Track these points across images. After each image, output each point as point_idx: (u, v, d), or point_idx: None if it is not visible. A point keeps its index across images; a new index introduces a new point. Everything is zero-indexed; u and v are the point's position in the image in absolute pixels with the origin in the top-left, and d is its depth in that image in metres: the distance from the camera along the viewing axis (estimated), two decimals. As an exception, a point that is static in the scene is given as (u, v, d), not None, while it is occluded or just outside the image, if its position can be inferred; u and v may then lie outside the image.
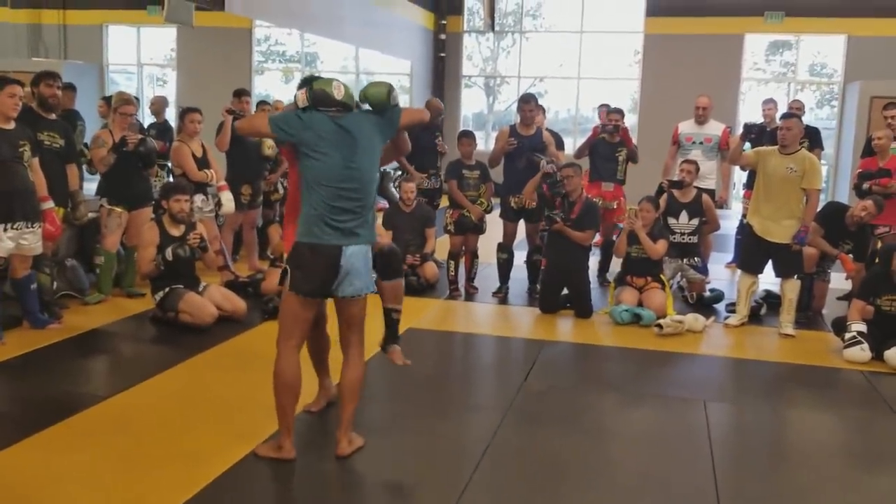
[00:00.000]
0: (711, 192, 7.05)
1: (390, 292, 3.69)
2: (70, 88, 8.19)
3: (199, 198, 6.36)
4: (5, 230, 4.88)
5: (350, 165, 3.32)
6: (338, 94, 3.35)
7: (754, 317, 6.13)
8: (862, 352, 5.18)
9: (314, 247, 3.30)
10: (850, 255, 6.14)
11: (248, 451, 3.51)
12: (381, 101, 3.41)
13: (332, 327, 3.67)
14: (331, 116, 3.35)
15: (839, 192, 12.43)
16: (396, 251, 3.74)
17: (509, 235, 6.76)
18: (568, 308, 6.27)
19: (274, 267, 6.56)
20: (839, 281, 6.71)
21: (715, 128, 7.34)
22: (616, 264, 6.72)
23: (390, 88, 3.44)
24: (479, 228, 6.67)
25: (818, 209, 5.96)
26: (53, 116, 5.66)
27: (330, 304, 3.55)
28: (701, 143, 7.26)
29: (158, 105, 9.17)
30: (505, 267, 6.80)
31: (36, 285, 5.25)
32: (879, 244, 6.35)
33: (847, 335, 5.28)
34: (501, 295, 6.74)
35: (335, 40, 14.07)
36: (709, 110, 7.32)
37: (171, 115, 9.63)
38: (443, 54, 15.12)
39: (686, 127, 7.39)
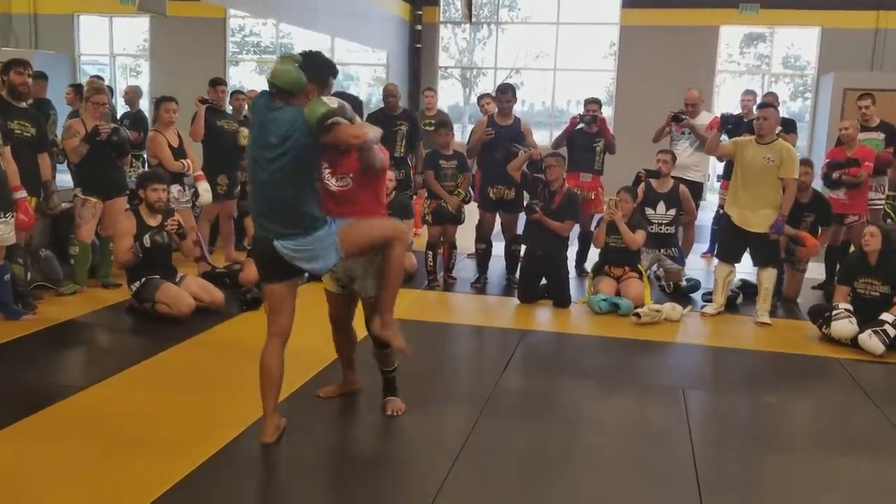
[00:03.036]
0: (698, 186, 7.05)
1: (385, 358, 3.82)
2: (41, 77, 8.07)
3: (175, 188, 6.29)
4: (-23, 220, 4.79)
5: (258, 158, 3.31)
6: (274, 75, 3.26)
7: (731, 306, 6.19)
8: (850, 324, 5.26)
9: (255, 237, 3.48)
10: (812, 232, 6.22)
11: (226, 440, 3.48)
12: (313, 120, 3.18)
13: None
14: (266, 102, 3.33)
15: (812, 182, 12.57)
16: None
17: (487, 226, 6.76)
18: (546, 298, 6.29)
19: (251, 258, 6.51)
20: (814, 270, 6.78)
21: (705, 118, 7.34)
22: (594, 254, 6.74)
23: (328, 113, 3.18)
24: (457, 219, 6.65)
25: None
26: (24, 105, 5.57)
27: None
28: (689, 134, 7.26)
29: (132, 95, 9.06)
30: (483, 257, 6.80)
31: (9, 276, 5.16)
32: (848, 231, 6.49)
33: (834, 312, 5.36)
34: (480, 285, 6.75)
35: (310, 31, 13.97)
36: (699, 105, 7.33)
37: (144, 106, 9.52)
38: (419, 45, 15.06)
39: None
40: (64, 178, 6.87)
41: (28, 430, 3.60)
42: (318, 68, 3.34)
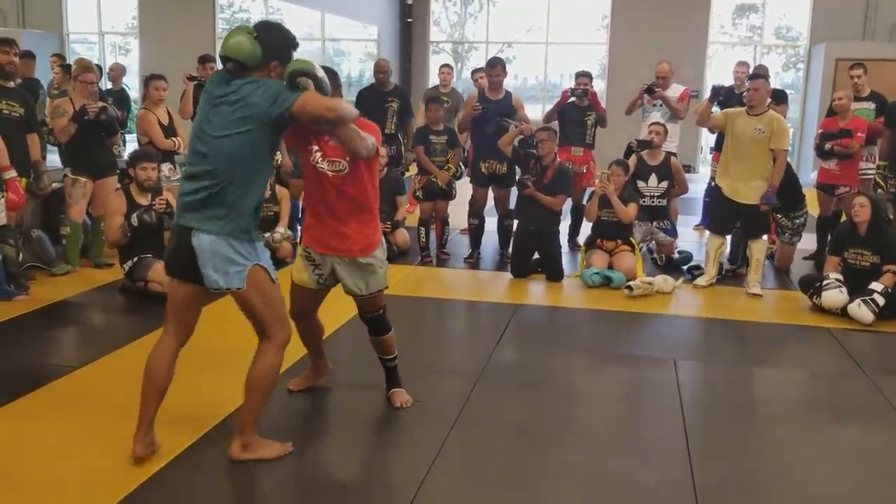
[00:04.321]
0: (674, 155, 7.11)
1: (379, 346, 3.70)
2: (29, 56, 8.01)
3: (166, 166, 6.27)
4: (-34, 201, 4.78)
5: (201, 132, 2.95)
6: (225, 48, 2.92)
7: (723, 277, 6.22)
8: (841, 294, 5.30)
9: (176, 226, 3.03)
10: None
11: (222, 416, 3.50)
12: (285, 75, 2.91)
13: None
14: (221, 77, 2.98)
15: (805, 154, 12.58)
16: (382, 317, 3.62)
17: (480, 201, 6.76)
18: (539, 272, 6.31)
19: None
20: (805, 241, 6.81)
21: (675, 90, 7.36)
22: (586, 228, 6.76)
23: (301, 70, 2.90)
24: (448, 194, 6.65)
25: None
26: (12, 84, 5.52)
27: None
28: (661, 105, 7.27)
29: (116, 72, 9.02)
30: (476, 232, 6.81)
31: (1, 257, 5.16)
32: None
33: (825, 282, 5.39)
34: (473, 260, 6.76)
35: (300, 6, 13.86)
36: (669, 78, 7.35)
37: (131, 83, 9.48)
38: (410, 20, 14.94)
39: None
40: (53, 158, 6.83)
41: (23, 409, 3.62)
42: (277, 42, 2.98)
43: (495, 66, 6.54)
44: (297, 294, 3.64)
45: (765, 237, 6.01)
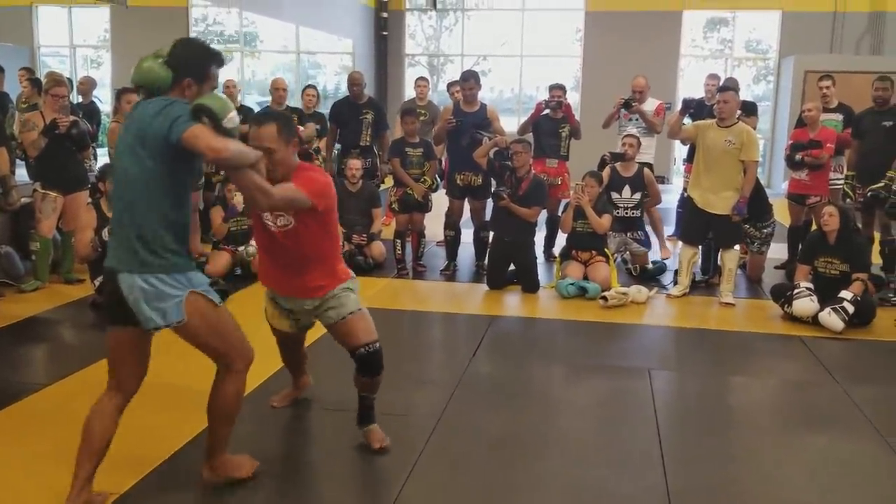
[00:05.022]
0: (650, 166, 7.19)
1: (366, 385, 3.39)
2: (-2, 70, 7.91)
3: (137, 180, 6.21)
4: (-67, 217, 4.71)
5: (116, 162, 2.84)
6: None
7: (695, 287, 6.28)
8: (811, 302, 5.37)
9: (104, 269, 2.83)
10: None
11: (192, 436, 3.46)
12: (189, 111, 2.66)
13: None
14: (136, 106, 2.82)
15: (776, 165, 12.76)
16: (375, 355, 3.32)
17: (455, 213, 6.77)
18: (515, 283, 6.32)
19: (217, 249, 6.47)
20: (776, 251, 6.89)
21: (651, 104, 7.46)
22: (561, 239, 6.79)
23: (199, 107, 2.66)
24: (424, 206, 6.66)
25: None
26: (-20, 99, 5.47)
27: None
28: (637, 119, 7.36)
29: (87, 86, 8.95)
30: (452, 244, 6.82)
31: (-32, 273, 5.08)
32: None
33: (796, 291, 5.46)
34: (449, 272, 6.77)
35: (274, 19, 13.83)
36: (645, 92, 7.44)
37: (103, 96, 9.40)
38: (385, 33, 14.99)
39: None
40: (21, 173, 6.75)
41: (-9, 427, 3.56)
42: (189, 58, 2.81)
43: (468, 80, 6.58)
44: (279, 337, 3.63)
45: (737, 247, 6.08)
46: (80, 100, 8.75)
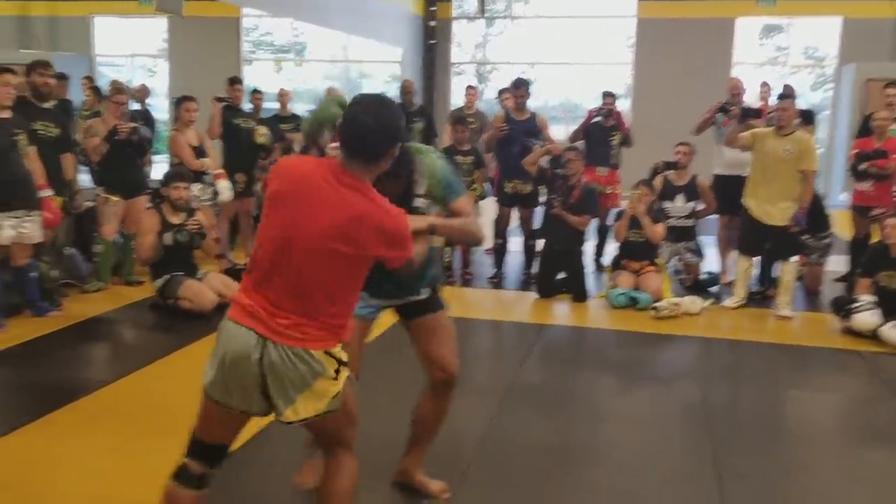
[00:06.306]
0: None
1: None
2: (62, 78, 8.17)
3: (196, 186, 6.36)
4: (5, 218, 4.88)
5: None
6: None
7: (751, 299, 6.17)
8: (873, 316, 5.24)
9: None
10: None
11: (248, 435, 3.51)
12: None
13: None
14: None
15: (834, 175, 12.48)
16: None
17: (504, 220, 6.77)
18: (564, 292, 6.29)
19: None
20: (835, 263, 6.74)
21: None
22: (611, 248, 6.74)
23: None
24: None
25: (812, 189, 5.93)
26: (48, 106, 5.65)
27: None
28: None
29: (141, 93, 9.20)
30: (500, 252, 6.82)
31: (36, 274, 5.25)
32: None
33: (856, 304, 5.33)
34: (497, 280, 6.76)
35: (325, 28, 14.01)
36: (741, 94, 6.84)
37: (158, 105, 9.64)
38: (433, 41, 15.06)
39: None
40: (84, 178, 6.95)
41: (56, 423, 3.67)
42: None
43: (520, 87, 6.58)
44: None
45: (795, 258, 5.95)
46: (137, 107, 8.98)
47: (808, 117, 6.72)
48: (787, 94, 6.15)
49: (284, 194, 2.20)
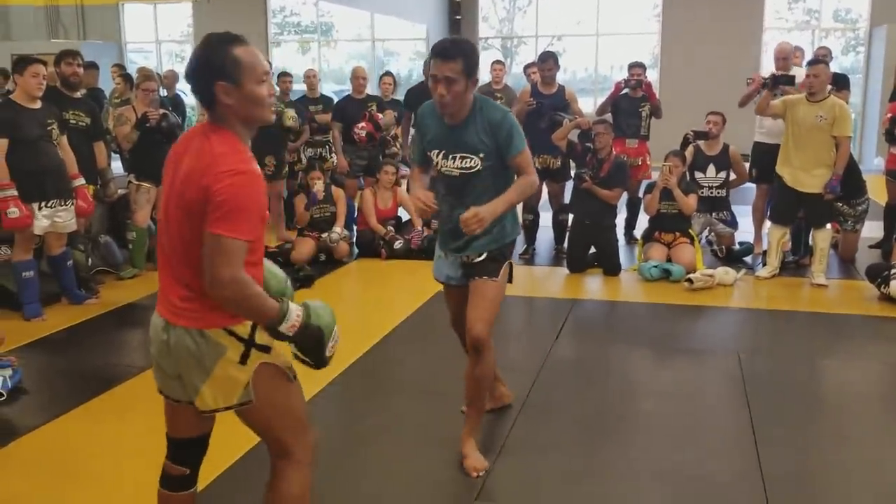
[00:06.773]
0: None
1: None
2: (92, 67, 8.24)
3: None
4: (40, 208, 4.96)
5: None
6: None
7: (785, 268, 6.09)
8: None
9: None
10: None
11: (243, 450, 3.49)
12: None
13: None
14: None
15: (867, 140, 12.22)
16: None
17: (534, 196, 6.72)
18: (596, 266, 6.26)
19: (302, 236, 6.62)
20: (871, 229, 6.62)
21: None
22: (642, 221, 6.68)
23: None
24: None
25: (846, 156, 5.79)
26: (78, 95, 5.71)
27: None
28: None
29: (170, 79, 9.24)
30: (530, 228, 6.79)
31: (72, 262, 5.34)
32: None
33: (893, 271, 5.24)
34: (528, 256, 6.75)
35: (350, 7, 13.98)
36: (790, 59, 6.55)
37: (186, 90, 9.69)
38: (458, 17, 14.95)
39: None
40: (116, 166, 7.04)
41: (98, 408, 3.76)
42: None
43: (547, 61, 6.52)
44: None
45: (829, 226, 5.86)
46: (165, 93, 9.04)
47: (841, 82, 6.56)
48: (818, 59, 5.99)
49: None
